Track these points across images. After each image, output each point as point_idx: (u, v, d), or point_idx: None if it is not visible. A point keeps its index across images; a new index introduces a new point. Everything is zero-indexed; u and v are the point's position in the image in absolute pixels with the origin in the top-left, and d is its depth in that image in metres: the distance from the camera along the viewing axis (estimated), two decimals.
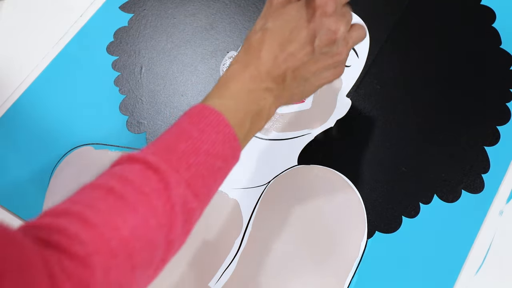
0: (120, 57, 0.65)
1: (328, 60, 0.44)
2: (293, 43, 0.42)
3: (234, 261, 0.54)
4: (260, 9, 0.66)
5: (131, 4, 0.68)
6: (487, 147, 0.58)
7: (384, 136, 0.59)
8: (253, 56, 0.43)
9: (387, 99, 0.61)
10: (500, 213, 0.55)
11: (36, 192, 0.58)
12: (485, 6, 0.65)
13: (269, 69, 0.42)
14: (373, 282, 0.53)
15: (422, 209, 0.55)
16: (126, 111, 0.62)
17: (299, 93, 0.46)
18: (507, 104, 0.60)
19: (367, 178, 0.57)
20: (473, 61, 0.62)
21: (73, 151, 0.60)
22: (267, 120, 0.44)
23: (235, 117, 0.41)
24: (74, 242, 0.32)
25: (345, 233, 0.55)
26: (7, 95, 0.63)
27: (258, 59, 0.43)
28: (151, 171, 0.37)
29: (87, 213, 0.33)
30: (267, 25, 0.44)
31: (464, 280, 0.52)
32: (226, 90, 0.42)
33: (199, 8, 0.67)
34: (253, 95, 0.42)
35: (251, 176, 0.58)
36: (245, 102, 0.42)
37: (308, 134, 0.59)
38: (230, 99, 0.42)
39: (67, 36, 0.66)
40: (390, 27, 0.64)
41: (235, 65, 0.44)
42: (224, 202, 0.56)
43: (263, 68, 0.42)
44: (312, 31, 0.42)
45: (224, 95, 0.42)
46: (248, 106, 0.42)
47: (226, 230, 0.55)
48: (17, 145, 0.60)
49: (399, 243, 0.54)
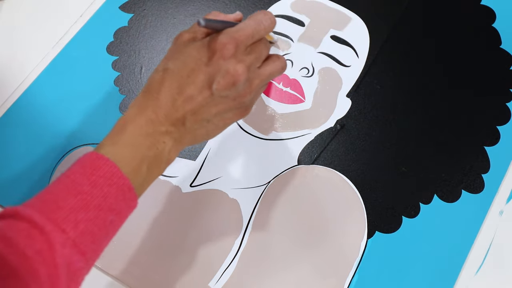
0: (120, 57, 0.65)
1: (229, 102, 0.43)
2: (191, 86, 0.41)
3: (234, 261, 0.54)
4: (260, 9, 0.66)
5: (131, 4, 0.68)
6: (487, 147, 0.58)
7: (384, 136, 0.59)
8: (151, 98, 0.42)
9: (387, 99, 0.61)
10: (500, 213, 0.55)
11: (36, 192, 0.57)
12: (485, 6, 0.65)
13: (167, 112, 0.41)
14: (373, 282, 0.53)
15: (422, 209, 0.55)
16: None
17: (203, 134, 0.45)
18: (507, 104, 0.60)
19: (367, 178, 0.57)
20: (473, 61, 0.62)
21: (73, 151, 0.60)
22: (168, 164, 0.43)
23: (130, 165, 0.40)
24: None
25: (345, 233, 0.55)
26: (7, 95, 0.63)
27: (157, 101, 0.41)
28: (36, 231, 0.35)
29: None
30: (168, 65, 0.42)
31: (464, 280, 0.52)
32: (122, 136, 0.41)
33: (199, 8, 0.67)
34: (151, 139, 0.41)
35: (251, 176, 0.58)
36: (142, 147, 0.41)
37: (308, 134, 0.59)
38: (125, 146, 0.41)
39: (67, 36, 0.66)
40: (390, 27, 0.64)
41: (132, 108, 0.42)
42: (224, 202, 0.56)
43: (161, 111, 0.41)
44: (210, 74, 0.41)
45: (119, 142, 0.41)
46: (145, 151, 0.41)
47: (226, 230, 0.55)
48: (17, 145, 0.60)
49: (399, 243, 0.54)
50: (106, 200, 0.38)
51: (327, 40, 0.64)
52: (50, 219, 0.36)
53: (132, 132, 0.41)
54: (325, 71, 0.62)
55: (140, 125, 0.41)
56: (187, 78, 0.41)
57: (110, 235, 0.40)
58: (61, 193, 0.38)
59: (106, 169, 0.39)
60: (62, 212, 0.37)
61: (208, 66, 0.41)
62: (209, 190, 0.57)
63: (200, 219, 0.56)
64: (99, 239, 0.39)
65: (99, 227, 0.38)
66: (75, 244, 0.37)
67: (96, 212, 0.38)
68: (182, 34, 0.44)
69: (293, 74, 0.62)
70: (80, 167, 0.40)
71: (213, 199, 0.57)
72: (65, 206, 0.37)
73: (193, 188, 0.57)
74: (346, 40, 0.63)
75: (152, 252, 0.54)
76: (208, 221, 0.56)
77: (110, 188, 0.39)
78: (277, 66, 0.46)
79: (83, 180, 0.39)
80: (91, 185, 0.38)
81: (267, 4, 0.66)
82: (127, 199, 0.40)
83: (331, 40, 0.63)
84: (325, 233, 0.55)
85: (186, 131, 0.43)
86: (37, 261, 0.35)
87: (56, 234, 0.36)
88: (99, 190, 0.38)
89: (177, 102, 0.41)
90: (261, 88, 0.47)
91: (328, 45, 0.63)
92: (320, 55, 0.63)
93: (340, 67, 0.62)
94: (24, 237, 0.35)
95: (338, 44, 0.63)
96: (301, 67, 0.62)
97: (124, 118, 0.42)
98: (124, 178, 0.39)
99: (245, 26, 0.43)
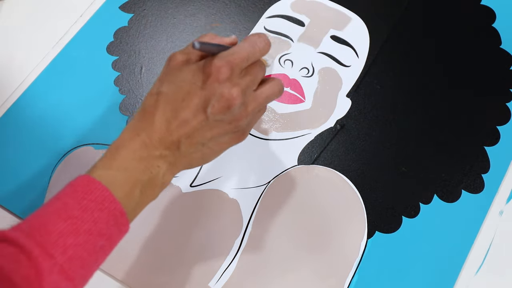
0: (120, 57, 0.65)
1: (225, 126, 0.42)
2: (186, 110, 0.41)
3: (234, 261, 0.54)
4: (260, 9, 0.66)
5: (131, 4, 0.68)
6: (487, 147, 0.58)
7: (384, 136, 0.59)
8: (146, 122, 0.42)
9: (387, 99, 0.61)
10: (500, 213, 0.55)
11: (36, 192, 0.58)
12: (485, 6, 0.65)
13: (161, 136, 0.41)
14: (373, 282, 0.53)
15: (422, 209, 0.55)
16: (126, 111, 0.62)
17: (198, 158, 0.44)
18: (507, 104, 0.60)
19: (367, 178, 0.57)
20: (473, 61, 0.62)
21: (73, 151, 0.60)
22: (162, 188, 0.43)
23: (122, 189, 0.40)
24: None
25: (345, 233, 0.55)
26: (7, 95, 0.63)
27: (151, 125, 0.41)
28: (24, 256, 0.35)
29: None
30: (162, 89, 0.42)
31: (464, 280, 0.52)
32: (116, 160, 0.41)
33: (199, 8, 0.67)
34: (145, 163, 0.41)
35: (251, 176, 0.58)
36: (136, 171, 0.41)
37: (308, 134, 0.59)
38: (118, 170, 0.40)
39: (67, 36, 0.66)
40: (390, 27, 0.64)
41: (126, 132, 0.42)
42: (224, 202, 0.56)
43: (156, 135, 0.41)
44: (204, 98, 0.41)
45: (112, 166, 0.40)
46: (138, 175, 0.41)
47: (226, 230, 0.55)
48: (17, 145, 0.60)
49: (399, 243, 0.54)
50: (96, 225, 0.38)
51: (327, 40, 0.64)
52: (38, 244, 0.36)
53: (125, 156, 0.41)
54: (325, 71, 0.62)
55: (133, 149, 0.41)
56: (181, 102, 0.41)
57: (99, 260, 0.40)
58: (51, 217, 0.38)
59: (98, 193, 0.39)
60: (51, 236, 0.36)
61: (203, 90, 0.41)
62: (209, 190, 0.57)
63: (200, 219, 0.56)
64: (88, 265, 0.38)
65: (88, 252, 0.38)
66: (63, 269, 0.36)
67: (86, 237, 0.37)
68: (175, 55, 0.43)
69: (293, 74, 0.62)
70: (72, 191, 0.39)
71: (213, 199, 0.57)
72: (54, 231, 0.37)
73: (193, 188, 0.57)
74: (346, 40, 0.63)
75: (151, 252, 0.54)
76: (208, 221, 0.56)
77: (101, 212, 0.38)
78: (273, 89, 0.45)
79: (74, 204, 0.38)
80: (82, 209, 0.38)
81: (267, 4, 0.66)
82: (119, 224, 0.40)
83: (331, 40, 0.63)
84: (325, 233, 0.55)
85: (181, 155, 0.42)
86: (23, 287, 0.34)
87: (43, 259, 0.35)
88: (89, 214, 0.38)
89: (172, 126, 0.41)
90: (259, 112, 0.46)
91: (328, 45, 0.63)
92: (320, 55, 0.63)
93: (340, 67, 0.62)
94: (11, 262, 0.35)
95: (338, 44, 0.63)
96: (301, 67, 0.62)
97: (118, 142, 0.42)
98: (116, 203, 0.39)
99: (240, 49, 0.42)
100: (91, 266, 0.39)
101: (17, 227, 0.37)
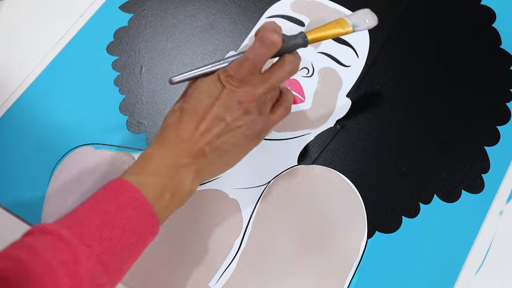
0: (120, 57, 0.65)
1: (245, 131, 0.46)
2: (206, 120, 0.45)
3: (234, 261, 0.54)
4: (260, 9, 0.66)
5: (131, 4, 0.68)
6: (487, 147, 0.58)
7: (384, 136, 0.59)
8: (171, 136, 0.45)
9: (387, 99, 0.61)
10: (500, 213, 0.55)
11: (36, 192, 0.58)
12: (485, 6, 0.65)
13: (187, 146, 0.44)
14: (373, 282, 0.53)
15: (422, 209, 0.55)
16: (126, 111, 0.62)
17: (223, 163, 0.48)
18: (507, 104, 0.60)
19: (367, 178, 0.57)
20: (473, 61, 0.62)
21: (73, 151, 0.60)
22: (190, 195, 0.45)
23: (153, 192, 0.42)
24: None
25: (345, 233, 0.55)
26: (7, 95, 0.63)
27: (176, 138, 0.44)
28: (63, 243, 0.37)
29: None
30: (183, 105, 0.46)
31: (464, 280, 0.52)
32: (146, 166, 0.44)
33: (199, 8, 0.67)
34: (174, 170, 0.44)
35: (251, 176, 0.58)
36: (165, 177, 0.43)
37: (308, 134, 0.59)
38: (149, 175, 0.43)
39: (67, 36, 0.66)
40: (390, 27, 0.64)
41: (154, 145, 0.45)
42: (224, 202, 0.56)
43: (182, 146, 0.44)
44: (223, 106, 0.44)
45: (143, 171, 0.43)
46: (168, 181, 0.43)
47: (226, 230, 0.55)
48: (17, 145, 0.60)
49: (399, 243, 0.54)
50: (130, 222, 0.40)
51: (327, 40, 0.63)
52: (76, 234, 0.38)
53: (156, 163, 0.44)
54: (325, 71, 0.62)
55: (163, 157, 0.44)
56: (202, 113, 0.45)
57: (132, 259, 0.42)
58: (87, 212, 0.40)
59: (130, 194, 0.41)
60: (88, 229, 0.38)
61: (220, 99, 0.44)
62: (209, 190, 0.57)
63: (200, 219, 0.56)
64: (121, 259, 0.40)
65: (122, 247, 0.39)
66: (100, 260, 0.38)
67: (120, 232, 0.39)
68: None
69: None
70: (105, 192, 0.41)
71: (213, 199, 0.57)
72: (91, 224, 0.39)
73: None
74: (346, 40, 0.63)
75: (151, 252, 0.54)
76: (208, 221, 0.56)
77: (133, 211, 0.40)
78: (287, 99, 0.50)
79: (108, 203, 0.40)
80: (116, 207, 0.40)
81: (267, 4, 0.66)
82: (150, 224, 0.42)
83: (331, 40, 0.63)
84: (325, 233, 0.55)
85: (207, 162, 0.45)
86: (61, 272, 0.35)
87: (81, 248, 0.37)
88: (123, 212, 0.40)
89: (195, 136, 0.44)
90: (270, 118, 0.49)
91: (328, 45, 0.63)
92: (320, 55, 0.63)
93: (340, 67, 0.62)
94: (50, 248, 0.36)
95: (338, 44, 0.63)
96: (301, 67, 0.62)
97: (147, 152, 0.45)
98: (147, 203, 0.41)
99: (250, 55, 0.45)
100: (124, 262, 0.40)
101: (56, 221, 0.39)
